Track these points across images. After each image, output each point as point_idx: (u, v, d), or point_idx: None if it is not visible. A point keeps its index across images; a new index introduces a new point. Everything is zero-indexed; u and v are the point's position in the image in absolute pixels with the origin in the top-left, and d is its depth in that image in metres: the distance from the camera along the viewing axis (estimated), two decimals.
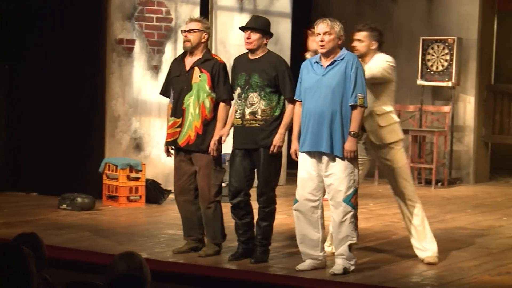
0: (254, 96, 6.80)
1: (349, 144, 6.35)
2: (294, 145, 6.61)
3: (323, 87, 6.39)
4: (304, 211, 6.54)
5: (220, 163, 7.10)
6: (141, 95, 10.32)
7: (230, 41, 11.18)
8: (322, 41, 6.42)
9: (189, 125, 7.00)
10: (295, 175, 6.78)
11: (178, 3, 10.63)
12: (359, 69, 6.41)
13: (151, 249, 7.28)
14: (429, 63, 12.43)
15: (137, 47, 10.29)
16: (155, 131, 10.44)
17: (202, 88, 6.98)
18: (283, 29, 11.84)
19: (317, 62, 6.52)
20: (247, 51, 6.94)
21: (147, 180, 9.82)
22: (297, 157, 6.58)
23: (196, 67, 7.01)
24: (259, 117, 6.80)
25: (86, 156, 10.04)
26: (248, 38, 6.86)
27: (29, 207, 9.36)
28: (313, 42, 6.79)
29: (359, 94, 6.35)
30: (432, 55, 12.41)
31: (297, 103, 6.63)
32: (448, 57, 12.29)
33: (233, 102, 7.04)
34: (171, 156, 7.25)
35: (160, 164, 10.52)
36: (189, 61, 7.07)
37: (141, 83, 10.34)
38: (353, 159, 6.39)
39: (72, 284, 4.01)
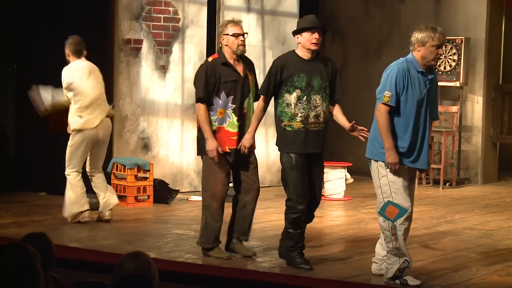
0: (317, 99, 6.61)
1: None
2: (395, 156, 6.09)
3: (427, 100, 6.25)
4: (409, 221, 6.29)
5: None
6: (148, 95, 10.33)
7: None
8: (441, 54, 6.41)
9: (247, 128, 6.95)
10: None
11: (186, 3, 10.63)
12: None
13: (159, 248, 7.28)
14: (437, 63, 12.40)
15: (145, 47, 10.30)
16: (162, 131, 10.44)
17: (253, 92, 7.02)
18: (290, 29, 11.79)
19: (423, 73, 6.27)
20: (293, 50, 6.73)
21: (155, 180, 9.82)
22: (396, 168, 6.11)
23: (247, 72, 7.01)
24: (321, 119, 6.65)
25: None
26: (318, 39, 6.59)
27: (37, 207, 9.37)
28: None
29: None
30: (440, 55, 12.37)
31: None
32: (456, 57, 12.27)
33: (256, 103, 6.92)
34: (218, 160, 6.85)
35: (168, 164, 10.53)
36: (239, 67, 6.98)
37: (148, 83, 10.34)
38: None
39: (79, 283, 4.02)
